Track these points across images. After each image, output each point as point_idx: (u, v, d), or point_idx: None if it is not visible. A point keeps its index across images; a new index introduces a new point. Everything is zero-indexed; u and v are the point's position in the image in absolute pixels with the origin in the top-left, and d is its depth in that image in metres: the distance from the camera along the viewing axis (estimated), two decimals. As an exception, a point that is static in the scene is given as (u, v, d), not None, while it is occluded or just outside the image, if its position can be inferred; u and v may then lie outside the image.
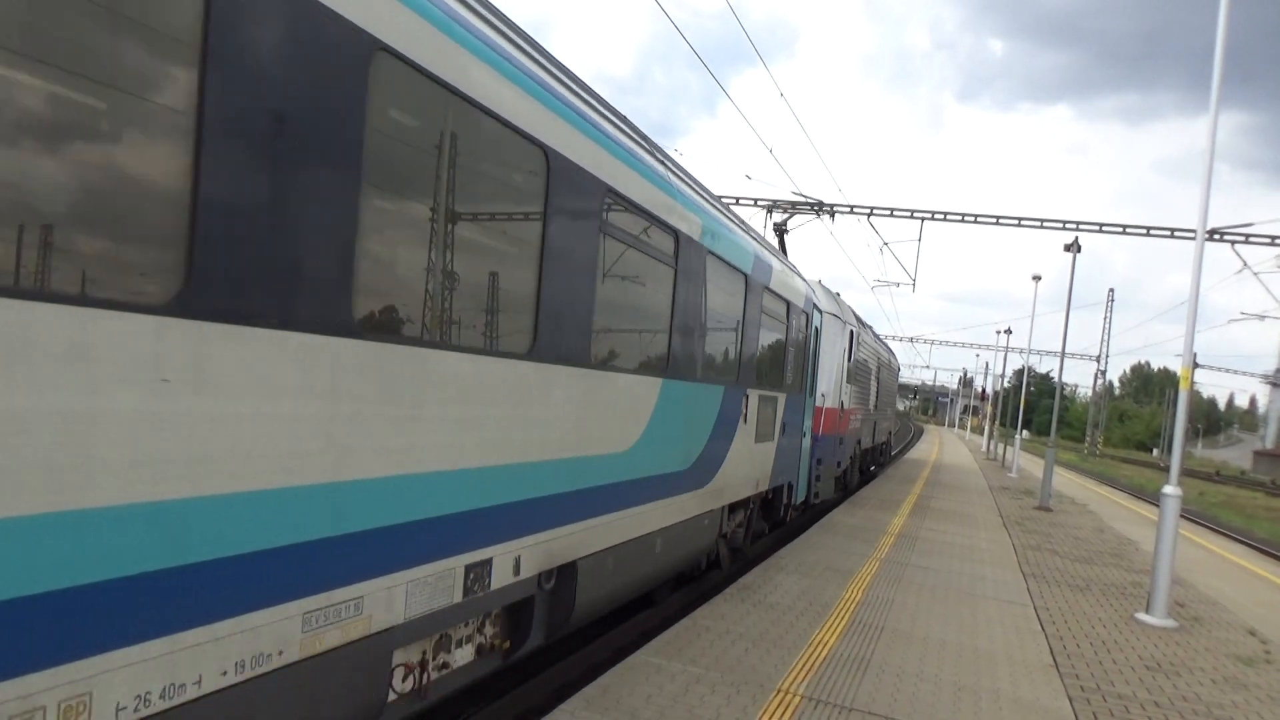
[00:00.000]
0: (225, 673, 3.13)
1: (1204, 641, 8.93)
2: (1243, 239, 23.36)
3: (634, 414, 6.78)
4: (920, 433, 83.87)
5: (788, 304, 11.84)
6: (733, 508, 10.21)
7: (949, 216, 26.54)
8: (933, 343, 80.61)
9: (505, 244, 5.24)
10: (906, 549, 12.25)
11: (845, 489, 19.59)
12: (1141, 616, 9.55)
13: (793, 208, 18.60)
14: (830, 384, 15.87)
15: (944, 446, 54.60)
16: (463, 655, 5.06)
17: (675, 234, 7.30)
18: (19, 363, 2.37)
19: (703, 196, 8.39)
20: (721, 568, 10.57)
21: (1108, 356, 78.22)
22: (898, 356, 33.90)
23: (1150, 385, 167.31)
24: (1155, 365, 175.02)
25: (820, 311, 15.22)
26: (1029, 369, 41.84)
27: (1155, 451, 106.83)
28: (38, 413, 2.43)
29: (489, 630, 5.35)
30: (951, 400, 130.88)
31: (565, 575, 5.90)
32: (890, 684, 6.29)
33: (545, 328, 5.21)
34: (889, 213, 26.36)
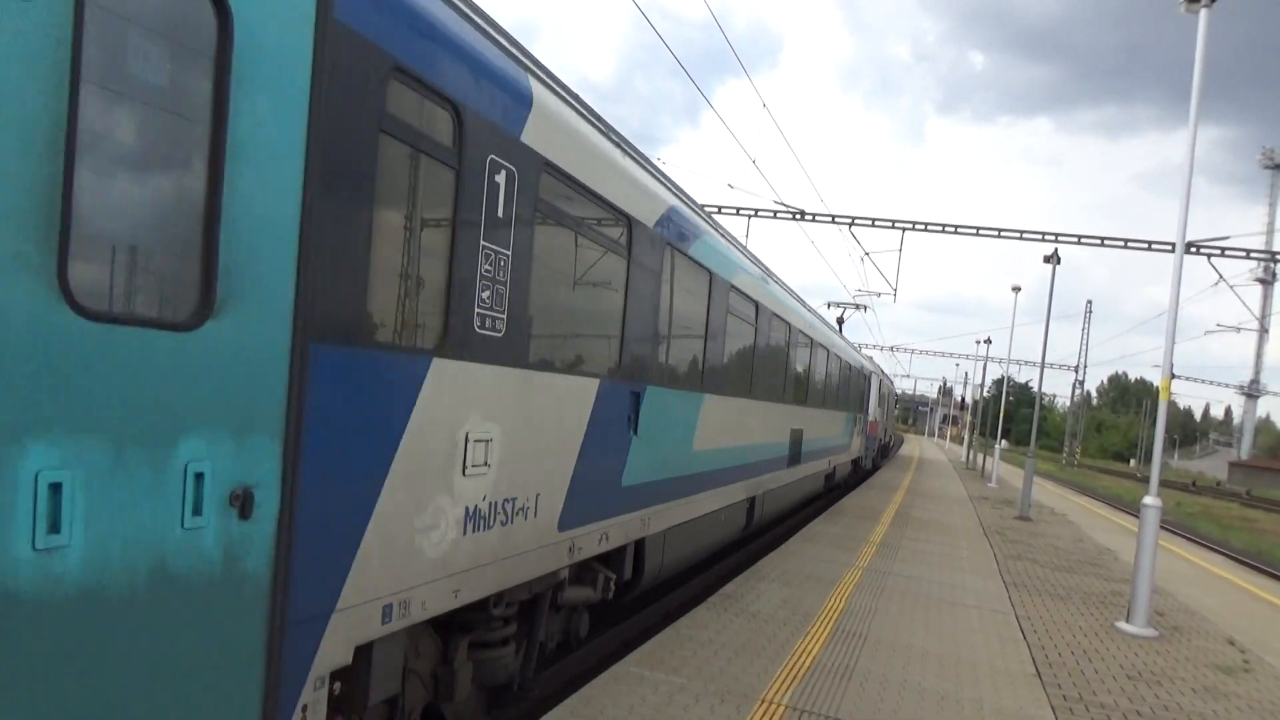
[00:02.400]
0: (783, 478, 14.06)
1: (1184, 651, 8.97)
2: (1219, 252, 23.66)
3: (843, 424, 21.52)
4: (900, 441, 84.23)
5: (865, 375, 26.86)
6: (851, 461, 24.41)
7: (929, 227, 26.71)
8: (913, 352, 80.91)
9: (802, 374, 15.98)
10: (888, 558, 12.25)
11: (873, 466, 33.81)
12: (1122, 625, 9.59)
13: (843, 306, 32.95)
14: (871, 408, 29.13)
15: (924, 456, 54.83)
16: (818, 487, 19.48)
17: (862, 371, 25.70)
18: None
19: (867, 359, 28.69)
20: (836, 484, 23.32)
21: (1085, 367, 78.92)
22: (883, 368, 45.62)
23: (1127, 396, 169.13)
24: (1132, 376, 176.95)
25: (871, 372, 29.48)
26: (1008, 379, 42.07)
27: (1132, 462, 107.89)
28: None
29: (821, 482, 19.49)
30: (931, 409, 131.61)
31: (831, 470, 20.31)
32: (874, 693, 6.26)
33: (831, 395, 19.36)
34: (870, 223, 26.49)
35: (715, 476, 9.52)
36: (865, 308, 30.77)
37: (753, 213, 26.33)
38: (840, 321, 30.50)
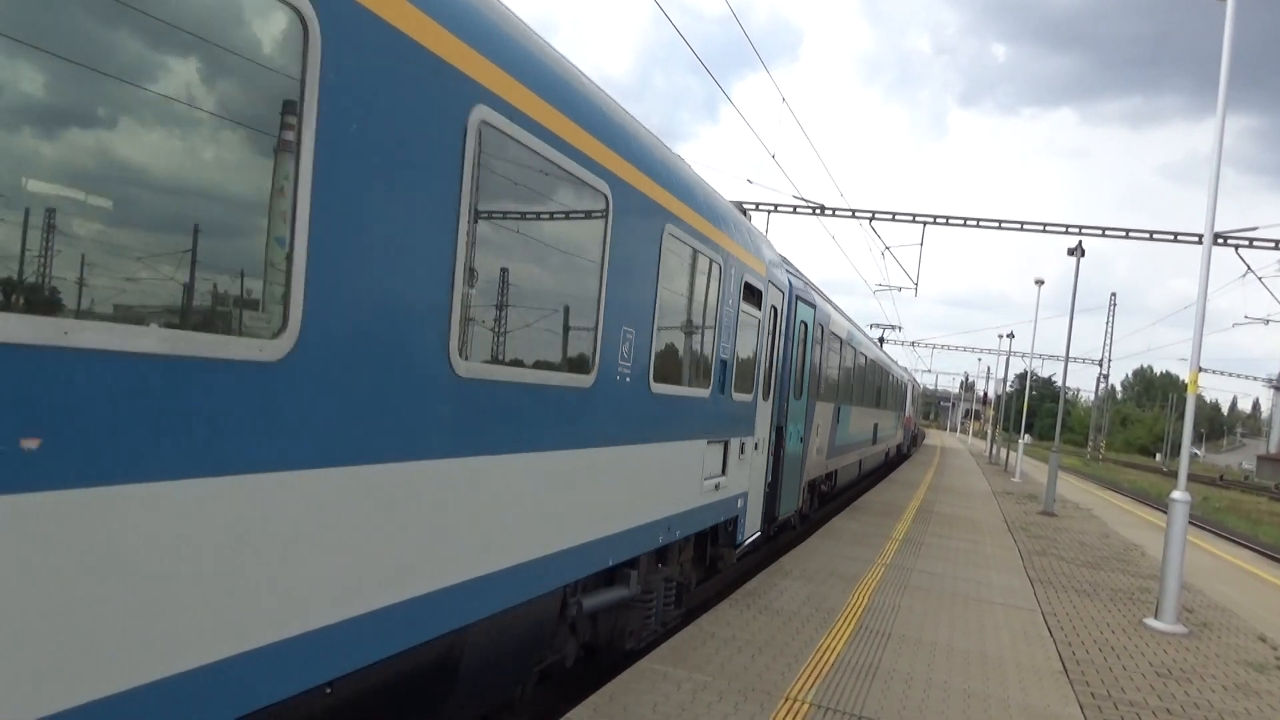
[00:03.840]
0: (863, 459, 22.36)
1: (1214, 647, 8.85)
2: (1247, 243, 23.28)
3: (895, 419, 32.88)
4: (922, 436, 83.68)
5: (904, 384, 38.10)
6: (896, 445, 34.96)
7: (951, 221, 26.49)
8: (934, 347, 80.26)
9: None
10: (911, 554, 12.17)
11: (908, 453, 43.26)
12: (1150, 622, 9.47)
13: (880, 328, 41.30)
14: (908, 406, 39.48)
15: (946, 452, 54.45)
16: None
17: (902, 381, 37.57)
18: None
19: (900, 365, 40.32)
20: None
21: (1110, 360, 78.05)
22: (905, 364, 57.58)
23: (1152, 389, 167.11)
24: (1158, 369, 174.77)
25: (908, 381, 40.86)
26: (1031, 373, 41.71)
27: (1158, 456, 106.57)
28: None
29: (883, 457, 30.88)
30: (953, 404, 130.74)
31: (888, 449, 31.52)
32: (899, 691, 6.22)
33: (889, 400, 29.68)
34: (891, 217, 26.30)
35: (851, 447, 19.20)
36: (900, 328, 43.14)
37: (772, 208, 26.22)
38: (881, 340, 39.90)
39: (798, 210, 25.99)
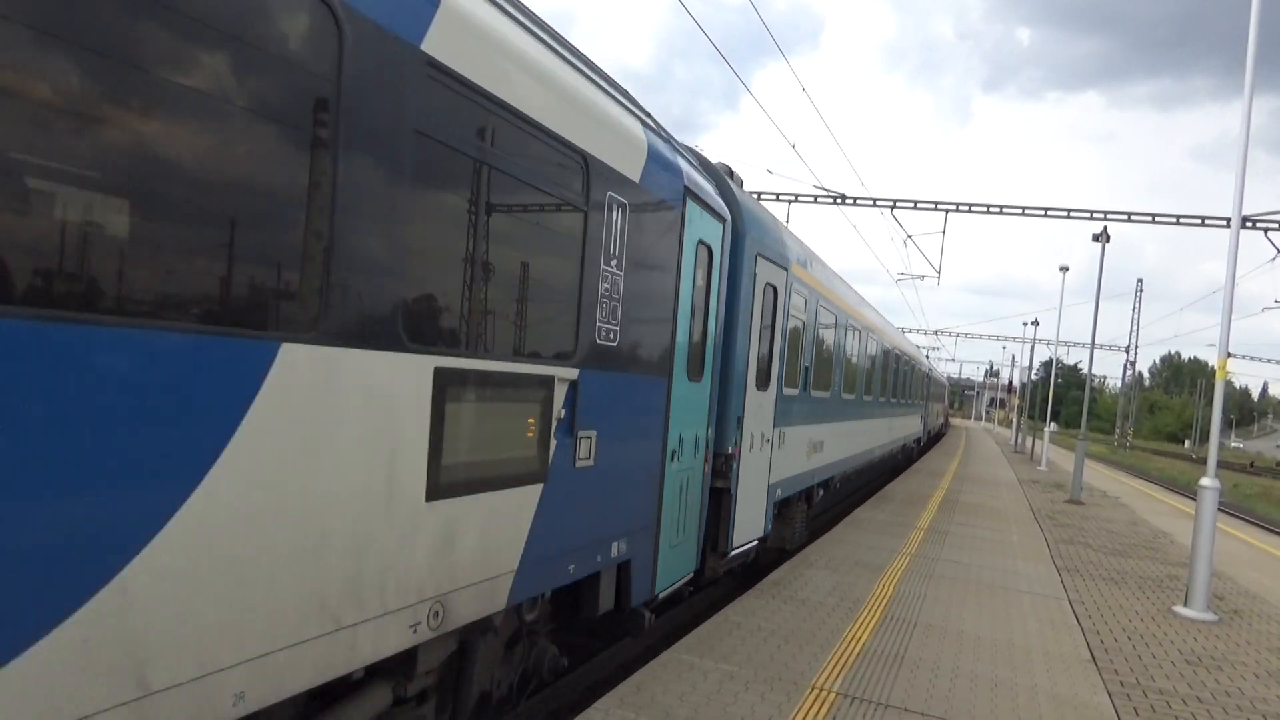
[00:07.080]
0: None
1: (1245, 635, 8.77)
2: (1276, 226, 22.87)
3: (940, 409, 56.94)
4: (945, 424, 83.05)
5: (943, 383, 61.88)
6: (931, 432, 45.39)
7: (974, 208, 26.24)
8: (958, 336, 79.58)
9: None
10: (937, 544, 12.13)
11: (944, 432, 59.83)
12: (1180, 610, 9.39)
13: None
14: (945, 400, 63.36)
15: (970, 437, 54.09)
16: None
17: (942, 380, 63.06)
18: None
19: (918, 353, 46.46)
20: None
21: (1137, 347, 77.09)
22: (927, 353, 63.35)
23: (1181, 376, 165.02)
24: (1186, 355, 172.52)
25: (946, 380, 70.59)
26: (1057, 360, 41.35)
27: (1187, 443, 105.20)
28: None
29: (938, 427, 54.19)
30: (978, 393, 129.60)
31: (937, 425, 53.27)
32: (926, 680, 6.22)
33: (940, 396, 54.87)
34: (913, 205, 26.10)
35: (931, 421, 41.55)
36: (938, 345, 59.79)
37: (793, 198, 26.10)
38: (928, 355, 50.50)
39: (818, 200, 25.85)
